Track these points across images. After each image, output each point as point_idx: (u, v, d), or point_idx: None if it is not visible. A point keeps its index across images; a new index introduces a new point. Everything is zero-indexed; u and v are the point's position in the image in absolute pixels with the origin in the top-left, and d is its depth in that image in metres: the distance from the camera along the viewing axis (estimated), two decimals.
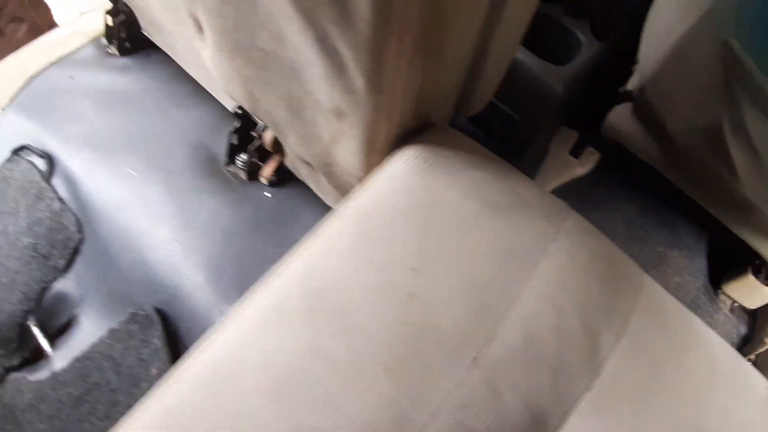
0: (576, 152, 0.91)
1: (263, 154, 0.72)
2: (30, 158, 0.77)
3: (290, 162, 0.70)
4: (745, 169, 0.73)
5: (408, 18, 0.42)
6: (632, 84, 0.83)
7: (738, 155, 0.71)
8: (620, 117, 0.87)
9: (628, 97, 0.85)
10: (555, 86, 0.80)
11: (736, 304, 0.93)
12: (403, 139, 0.56)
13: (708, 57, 0.67)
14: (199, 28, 0.61)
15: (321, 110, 0.55)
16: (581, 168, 0.89)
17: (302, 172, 0.70)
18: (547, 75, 0.79)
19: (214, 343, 0.44)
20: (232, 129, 0.71)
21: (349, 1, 0.41)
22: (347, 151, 0.57)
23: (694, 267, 0.94)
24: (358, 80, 0.47)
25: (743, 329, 0.93)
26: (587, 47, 0.82)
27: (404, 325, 0.45)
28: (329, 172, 0.63)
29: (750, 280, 0.88)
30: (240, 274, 0.67)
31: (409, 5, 0.41)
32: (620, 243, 0.96)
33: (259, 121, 0.69)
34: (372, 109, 0.49)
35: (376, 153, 0.56)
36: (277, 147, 0.69)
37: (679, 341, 0.56)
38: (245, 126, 0.71)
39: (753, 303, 0.92)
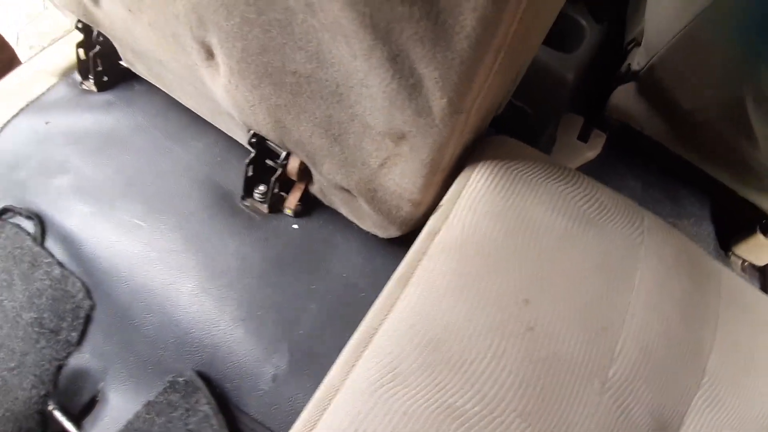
0: (584, 136, 0.87)
1: (285, 184, 0.63)
2: (15, 221, 0.65)
3: (317, 189, 0.62)
4: (765, 137, 0.71)
5: (508, 31, 0.36)
6: (637, 63, 0.80)
7: (759, 125, 0.69)
8: (624, 97, 0.84)
9: (632, 76, 0.81)
10: (567, 74, 0.75)
11: (746, 263, 0.93)
12: (462, 155, 0.50)
13: (726, 33, 0.64)
14: (209, 55, 0.52)
15: (370, 134, 0.48)
16: (591, 151, 0.86)
17: (333, 199, 0.62)
18: (558, 64, 0.74)
19: (327, 423, 0.36)
20: (247, 161, 0.62)
21: (448, 16, 0.34)
22: (401, 175, 0.50)
23: (702, 233, 0.93)
24: (438, 102, 0.40)
25: (756, 284, 0.94)
26: (590, 31, 0.78)
27: (530, 363, 0.40)
28: (373, 197, 0.55)
29: (759, 239, 0.89)
30: (283, 319, 0.59)
31: (515, 17, 0.34)
32: None
33: (278, 149, 0.61)
34: (446, 131, 0.43)
35: (438, 174, 0.49)
36: (303, 174, 0.61)
37: (761, 323, 0.53)
38: (261, 155, 0.63)
39: (762, 260, 0.92)
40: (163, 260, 0.61)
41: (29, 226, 0.65)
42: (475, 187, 0.46)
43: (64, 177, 0.66)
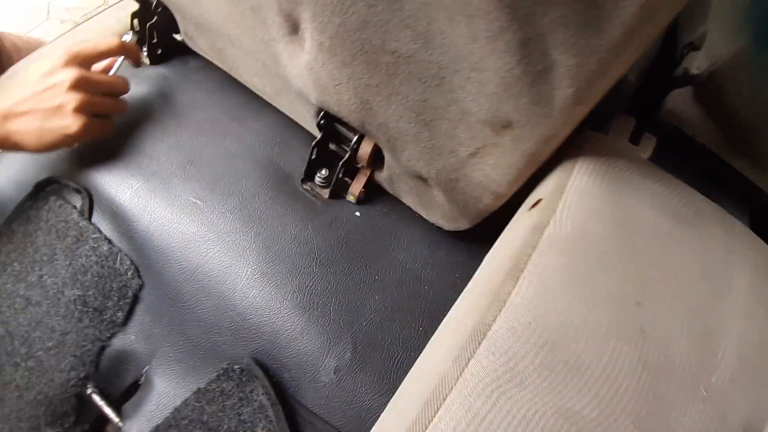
0: (635, 139, 0.84)
1: (350, 169, 0.60)
2: (59, 193, 0.61)
3: (386, 176, 0.59)
4: None
5: (660, 21, 0.33)
6: (696, 67, 0.78)
7: None
8: (679, 101, 0.82)
9: (689, 80, 0.79)
10: (629, 75, 0.73)
11: None
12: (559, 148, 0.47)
13: None
14: (293, 30, 0.49)
15: (468, 121, 0.45)
16: (643, 154, 0.83)
17: (401, 186, 0.59)
18: None
19: (441, 423, 0.33)
20: (314, 143, 0.59)
21: (607, 1, 0.31)
22: (494, 166, 0.47)
23: None
24: (563, 91, 0.38)
25: None
26: None
27: (643, 368, 0.37)
28: (453, 187, 0.53)
29: None
30: (346, 309, 0.56)
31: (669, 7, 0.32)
32: None
33: (347, 133, 0.57)
34: (561, 122, 0.40)
35: (534, 167, 0.46)
36: (373, 160, 0.58)
37: None
38: (327, 138, 0.60)
39: None
40: (221, 241, 0.57)
41: (75, 199, 0.61)
42: (580, 182, 0.44)
43: (115, 149, 0.62)
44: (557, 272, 0.39)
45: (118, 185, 0.60)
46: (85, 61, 0.57)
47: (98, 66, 0.63)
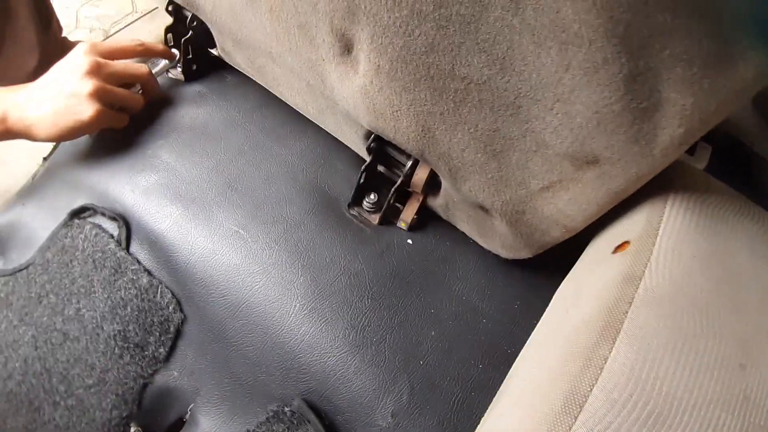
0: (690, 149, 0.79)
1: (401, 194, 0.55)
2: (95, 221, 0.57)
3: (441, 203, 0.55)
4: None
5: None
6: None
7: None
8: (738, 109, 0.76)
9: None
10: None
11: None
12: None
13: None
14: (345, 50, 0.45)
15: (544, 154, 0.41)
16: (699, 164, 0.78)
17: (457, 214, 0.55)
18: None
19: None
20: (364, 167, 0.54)
21: (740, 39, 0.26)
22: (570, 201, 0.43)
23: None
24: (671, 131, 0.33)
25: None
26: None
27: None
28: (518, 219, 0.48)
29: None
30: (402, 346, 0.52)
31: None
32: None
33: (400, 157, 0.53)
34: (660, 163, 0.36)
35: (616, 203, 0.41)
36: (428, 186, 0.53)
37: None
38: (377, 161, 0.55)
39: None
40: (266, 274, 0.53)
41: (112, 227, 0.57)
42: (674, 224, 0.39)
43: (153, 174, 0.58)
44: (658, 333, 0.34)
45: (156, 213, 0.56)
46: (104, 53, 0.57)
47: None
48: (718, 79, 0.29)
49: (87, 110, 0.54)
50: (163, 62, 0.63)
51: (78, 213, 0.58)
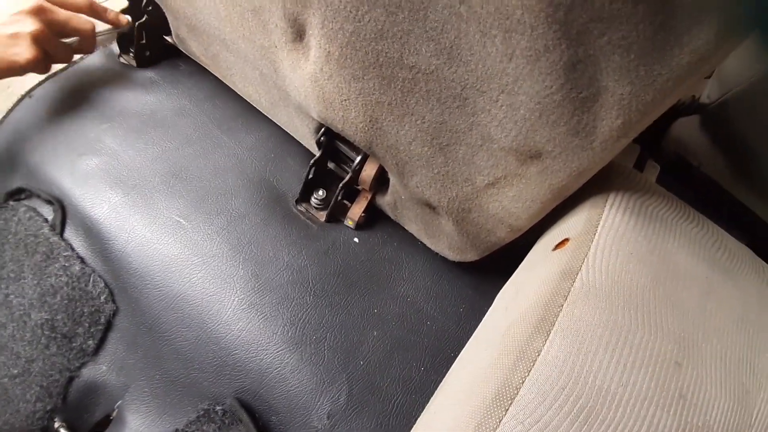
0: (639, 166, 0.80)
1: (350, 191, 0.54)
2: (30, 203, 0.54)
3: (389, 201, 0.53)
4: None
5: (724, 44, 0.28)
6: (707, 96, 0.73)
7: None
8: (686, 129, 0.77)
9: (697, 109, 0.75)
10: None
11: None
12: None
13: None
14: (297, 36, 0.43)
15: (489, 148, 0.40)
16: None
17: (405, 213, 0.53)
18: None
19: None
20: (312, 161, 0.53)
21: (679, 23, 0.26)
22: (514, 199, 0.42)
23: None
24: (609, 122, 0.32)
25: None
26: None
27: None
28: (464, 218, 0.47)
29: None
30: (342, 346, 0.49)
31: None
32: None
33: (350, 152, 0.51)
34: (600, 156, 0.35)
35: (558, 201, 0.41)
36: (377, 183, 0.52)
37: None
38: (326, 156, 0.53)
39: None
40: (206, 266, 0.51)
41: (47, 211, 0.54)
42: (613, 222, 0.38)
43: (94, 158, 0.55)
44: (592, 328, 0.33)
45: (95, 198, 0.53)
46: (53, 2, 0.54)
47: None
48: (654, 67, 0.29)
49: (24, 52, 0.51)
50: (107, 26, 0.60)
51: (13, 194, 0.55)
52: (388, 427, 0.47)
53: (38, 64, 0.52)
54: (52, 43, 0.54)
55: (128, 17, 0.59)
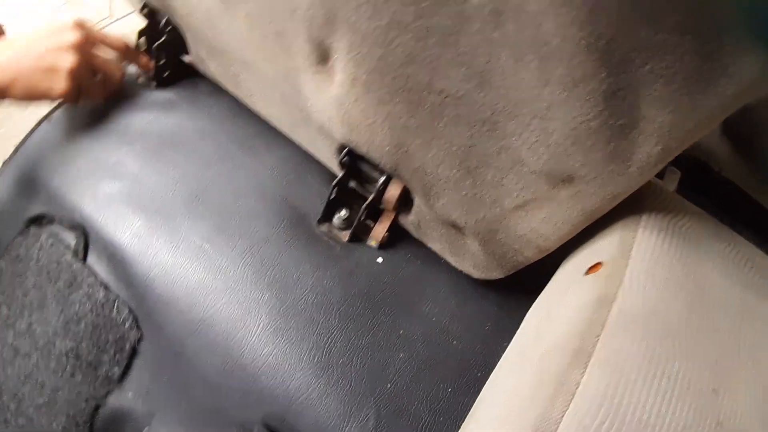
0: (659, 173, 0.79)
1: (373, 211, 0.54)
2: (52, 229, 0.54)
3: (412, 221, 0.53)
4: None
5: None
6: None
7: None
8: (707, 134, 0.76)
9: None
10: None
11: None
12: None
13: None
14: (322, 59, 0.43)
15: (519, 171, 0.39)
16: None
17: (428, 233, 0.53)
18: None
19: None
20: (335, 182, 0.52)
21: (725, 56, 0.25)
22: (544, 221, 0.41)
23: None
24: (647, 149, 0.32)
25: None
26: None
27: None
28: (491, 239, 0.46)
29: None
30: (369, 369, 0.49)
31: None
32: None
33: (373, 173, 0.51)
34: (635, 182, 0.35)
35: (589, 222, 0.40)
36: (401, 204, 0.51)
37: None
38: (349, 176, 0.53)
39: None
40: (230, 291, 0.50)
41: (69, 237, 0.54)
42: (647, 246, 0.38)
43: (116, 183, 0.55)
44: (632, 358, 0.33)
45: (117, 223, 0.53)
46: (91, 36, 0.55)
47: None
48: (697, 97, 0.29)
49: (60, 85, 0.52)
50: (134, 69, 0.61)
51: (35, 220, 0.55)
52: None
53: (70, 98, 0.54)
54: (88, 80, 0.55)
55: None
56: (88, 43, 0.54)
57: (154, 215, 0.53)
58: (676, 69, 0.28)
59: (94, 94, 0.56)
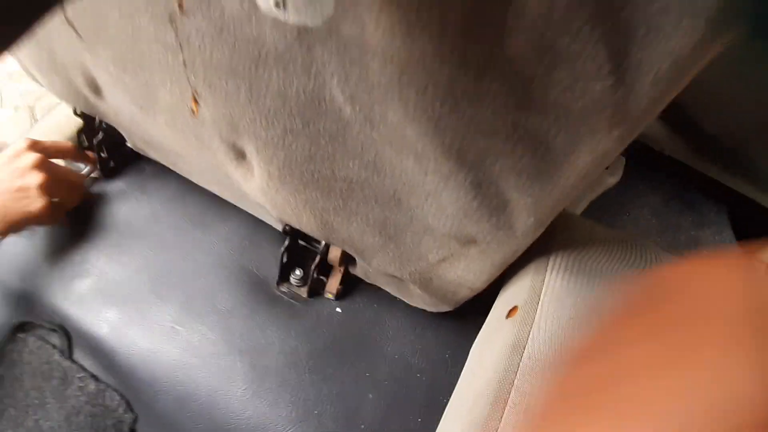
0: None
1: (324, 267, 0.58)
2: (37, 333, 0.59)
3: (361, 272, 0.57)
4: None
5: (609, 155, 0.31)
6: None
7: None
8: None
9: None
10: None
11: None
12: None
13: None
14: (239, 156, 0.47)
15: (432, 234, 0.43)
16: (613, 177, 0.81)
17: (377, 278, 0.57)
18: None
19: None
20: (283, 248, 0.57)
21: (559, 155, 0.29)
22: (465, 269, 0.45)
23: (724, 240, 0.90)
24: (524, 220, 0.36)
25: None
26: None
27: None
28: (428, 285, 0.51)
29: None
30: (342, 414, 0.54)
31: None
32: (656, 235, 0.91)
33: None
34: (526, 241, 0.38)
35: (504, 268, 0.44)
36: (345, 260, 0.56)
37: None
38: (296, 240, 0.57)
39: None
40: (206, 366, 0.55)
41: (54, 338, 0.59)
42: (554, 287, 0.42)
43: (85, 280, 0.59)
44: (541, 399, 0.37)
45: (93, 318, 0.58)
46: (44, 150, 0.58)
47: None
48: (545, 186, 0.32)
49: (35, 203, 0.55)
50: (84, 168, 0.65)
51: (20, 327, 0.60)
52: None
53: (50, 214, 0.56)
54: (59, 191, 0.58)
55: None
56: (45, 161, 0.57)
57: (123, 306, 0.58)
58: (521, 167, 0.31)
59: (70, 203, 0.60)
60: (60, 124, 0.69)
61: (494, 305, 0.49)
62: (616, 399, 0.19)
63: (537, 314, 0.41)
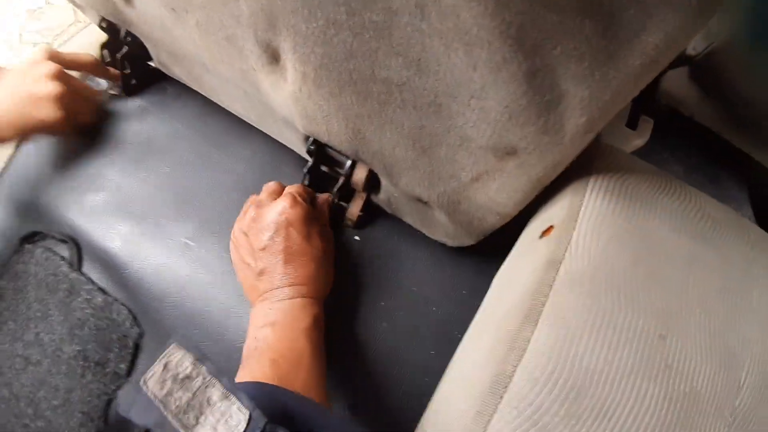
0: (632, 123, 0.81)
1: (346, 193, 0.57)
2: (45, 244, 0.58)
3: (383, 198, 0.56)
4: None
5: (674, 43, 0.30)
6: (693, 48, 0.74)
7: None
8: (676, 82, 0.78)
9: (685, 61, 0.75)
10: None
11: None
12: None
13: None
14: (273, 60, 0.45)
15: (468, 147, 0.42)
16: (640, 139, 0.80)
17: (400, 208, 0.56)
18: None
19: None
20: (305, 170, 0.55)
21: (628, 33, 0.28)
22: (498, 190, 0.44)
23: (744, 216, 0.89)
24: (575, 120, 0.34)
25: None
26: None
27: (669, 403, 0.35)
28: (455, 209, 0.49)
29: None
30: (355, 342, 0.53)
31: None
32: None
33: (340, 157, 0.54)
34: (572, 150, 0.37)
35: (540, 188, 0.43)
36: (369, 184, 0.54)
37: None
38: (319, 162, 0.56)
39: None
40: (217, 283, 0.54)
41: (63, 249, 0.57)
42: (593, 207, 0.41)
43: (99, 194, 0.58)
44: (578, 313, 0.36)
45: (106, 231, 0.57)
46: (63, 61, 0.57)
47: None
48: (608, 71, 0.31)
49: (51, 114, 0.54)
50: (105, 84, 0.63)
51: (28, 238, 0.58)
52: (402, 410, 0.51)
53: (64, 125, 0.55)
54: (75, 103, 0.56)
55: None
56: (62, 69, 0.56)
57: (141, 221, 0.56)
58: (584, 49, 0.30)
59: (85, 115, 0.59)
60: (82, 47, 0.67)
61: (523, 231, 0.48)
62: None
63: (575, 232, 0.40)
